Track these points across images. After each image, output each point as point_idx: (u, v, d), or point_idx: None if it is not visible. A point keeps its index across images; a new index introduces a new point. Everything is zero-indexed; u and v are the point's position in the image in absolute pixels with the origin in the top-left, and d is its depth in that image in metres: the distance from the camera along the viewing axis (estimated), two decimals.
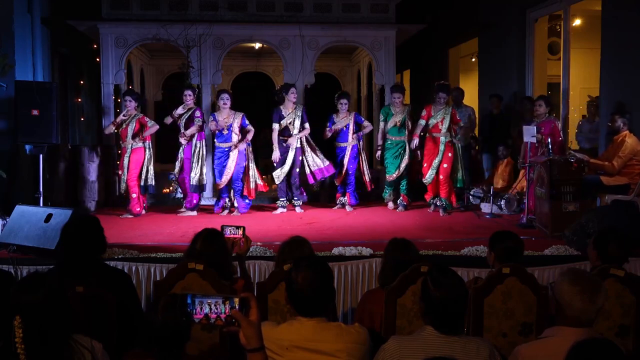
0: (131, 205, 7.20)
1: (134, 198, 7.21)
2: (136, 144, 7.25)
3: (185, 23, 8.57)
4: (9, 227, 4.99)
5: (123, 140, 7.32)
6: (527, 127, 6.52)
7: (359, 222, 6.79)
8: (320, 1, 9.07)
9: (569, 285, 2.38)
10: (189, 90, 7.49)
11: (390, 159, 7.56)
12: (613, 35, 7.05)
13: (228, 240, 3.58)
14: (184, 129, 7.33)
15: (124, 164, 7.23)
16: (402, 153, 7.51)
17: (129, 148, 7.23)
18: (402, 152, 7.52)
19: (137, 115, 7.34)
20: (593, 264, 3.52)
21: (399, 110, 7.54)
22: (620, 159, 6.20)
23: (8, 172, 7.01)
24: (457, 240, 5.51)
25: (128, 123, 7.25)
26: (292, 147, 7.39)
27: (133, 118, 7.29)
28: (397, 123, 7.49)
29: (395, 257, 3.30)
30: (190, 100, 7.41)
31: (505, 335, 3.16)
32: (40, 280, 2.13)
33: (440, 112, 7.29)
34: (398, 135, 7.52)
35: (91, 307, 2.76)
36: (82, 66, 10.36)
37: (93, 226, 3.20)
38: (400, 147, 7.52)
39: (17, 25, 7.86)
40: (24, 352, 1.98)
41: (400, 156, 7.52)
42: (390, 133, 7.57)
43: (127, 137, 7.24)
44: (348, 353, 2.27)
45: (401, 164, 7.50)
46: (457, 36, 11.22)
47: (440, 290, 2.36)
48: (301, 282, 2.29)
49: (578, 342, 1.87)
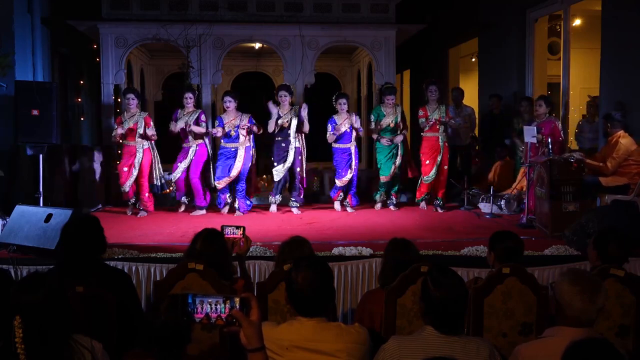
0: (148, 204, 7.23)
1: (147, 197, 7.23)
2: (146, 144, 7.18)
3: (185, 23, 8.57)
4: (9, 227, 4.99)
5: (130, 139, 7.15)
6: (528, 127, 6.53)
7: (359, 222, 6.78)
8: (320, 1, 9.07)
9: (569, 285, 2.38)
10: (189, 93, 7.40)
11: (383, 160, 7.56)
12: (613, 35, 7.05)
13: (228, 241, 3.58)
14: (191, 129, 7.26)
15: (134, 163, 7.08)
16: (395, 154, 7.52)
17: (140, 148, 7.13)
18: (394, 152, 7.52)
19: (142, 114, 7.24)
20: (593, 264, 3.52)
21: (390, 111, 7.54)
22: (614, 160, 6.20)
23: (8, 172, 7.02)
24: (457, 240, 5.51)
25: (136, 122, 7.11)
26: (291, 146, 7.34)
27: (139, 116, 7.16)
28: (389, 124, 7.50)
29: (395, 257, 3.30)
30: (191, 103, 7.34)
31: (505, 335, 3.16)
32: (40, 280, 2.13)
33: (436, 111, 7.40)
34: (390, 136, 7.52)
35: (91, 307, 2.76)
36: (82, 66, 10.37)
37: (93, 226, 3.20)
38: (393, 148, 7.52)
39: (17, 25, 7.86)
40: (24, 352, 1.98)
41: (393, 157, 7.52)
42: (382, 134, 7.57)
43: (136, 136, 7.11)
44: (348, 353, 2.27)
45: (393, 165, 7.51)
46: (457, 36, 11.22)
47: (440, 290, 2.36)
48: (301, 282, 2.29)
49: (574, 341, 1.87)
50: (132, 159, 7.12)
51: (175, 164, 7.35)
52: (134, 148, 7.14)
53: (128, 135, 7.15)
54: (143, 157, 7.13)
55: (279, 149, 7.41)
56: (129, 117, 7.15)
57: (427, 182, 7.47)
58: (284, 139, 7.39)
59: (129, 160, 7.14)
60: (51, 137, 6.70)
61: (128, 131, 7.12)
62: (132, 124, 7.11)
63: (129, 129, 7.11)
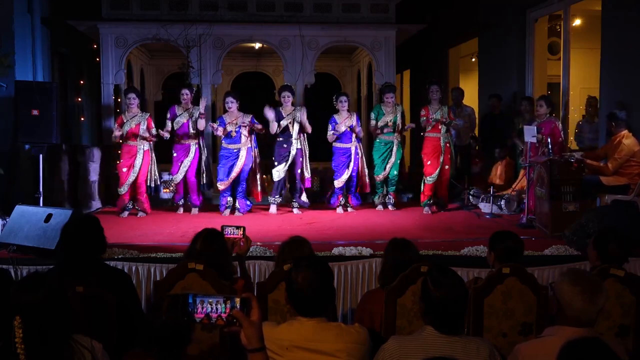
0: (145, 206, 7.22)
1: (145, 197, 7.22)
2: (146, 146, 7.14)
3: (185, 23, 8.57)
4: (9, 227, 4.99)
5: (132, 140, 7.09)
6: (528, 127, 6.52)
7: (359, 222, 6.78)
8: (320, 1, 9.08)
9: (569, 286, 2.38)
10: (186, 89, 7.36)
11: (378, 160, 7.56)
12: (613, 35, 7.05)
13: (228, 241, 3.58)
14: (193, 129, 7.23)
15: (134, 164, 7.05)
16: (390, 154, 7.52)
17: (141, 149, 7.09)
18: (389, 152, 7.52)
19: (144, 115, 7.20)
20: (593, 264, 3.51)
21: (390, 110, 7.53)
22: (616, 161, 6.19)
23: (8, 172, 7.02)
24: (457, 240, 5.50)
25: (138, 123, 7.07)
26: (293, 147, 7.31)
27: (141, 117, 7.13)
28: (388, 123, 7.49)
29: (395, 257, 3.30)
30: (188, 99, 7.27)
31: (505, 335, 3.16)
32: (40, 280, 2.13)
33: (438, 112, 7.34)
34: (388, 135, 7.51)
35: (91, 307, 2.76)
36: (82, 66, 10.36)
37: (93, 226, 3.20)
38: (389, 148, 7.52)
39: (17, 25, 7.86)
40: (24, 352, 1.98)
41: (387, 157, 7.53)
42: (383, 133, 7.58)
43: (137, 136, 7.06)
44: (348, 353, 2.27)
45: (387, 165, 7.51)
46: (457, 36, 11.22)
47: (440, 290, 2.36)
48: (301, 282, 2.29)
49: (569, 341, 1.88)
50: (132, 159, 7.07)
51: (175, 164, 7.31)
52: (134, 148, 7.09)
53: (129, 136, 7.10)
54: (143, 158, 7.10)
55: (281, 149, 7.38)
56: (131, 118, 7.12)
57: (429, 182, 7.39)
58: (286, 140, 7.36)
59: (129, 160, 7.09)
60: (51, 137, 6.71)
61: (129, 132, 7.07)
62: (134, 125, 7.07)
63: (131, 131, 7.07)
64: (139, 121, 7.10)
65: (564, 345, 1.87)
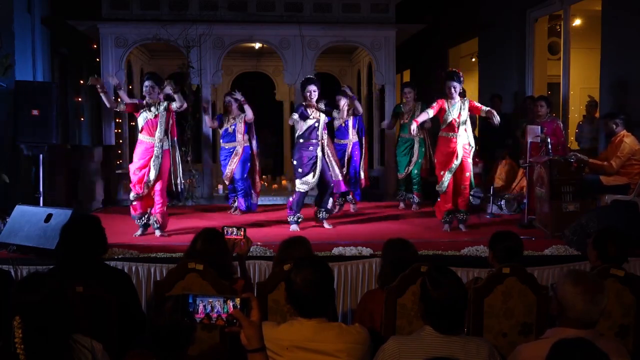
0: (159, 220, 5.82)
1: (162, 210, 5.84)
2: (166, 144, 5.77)
3: (185, 23, 8.57)
4: (9, 227, 4.99)
5: (149, 134, 5.71)
6: (532, 127, 6.51)
7: (359, 222, 6.78)
8: (320, 1, 9.08)
9: (571, 287, 2.37)
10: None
11: (400, 157, 7.58)
12: (613, 35, 7.05)
13: (229, 241, 3.59)
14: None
15: (150, 166, 5.66)
16: (411, 151, 7.50)
17: (160, 147, 5.69)
18: (410, 149, 7.50)
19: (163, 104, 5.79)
20: (593, 264, 3.51)
21: (408, 108, 7.54)
22: (619, 159, 6.20)
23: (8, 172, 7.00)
24: (457, 240, 5.50)
25: (158, 114, 5.73)
26: (318, 150, 6.13)
27: (164, 109, 5.76)
28: (406, 120, 7.49)
29: (393, 257, 3.30)
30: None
31: (505, 335, 3.16)
32: (40, 280, 2.13)
33: (456, 106, 5.95)
34: (407, 132, 7.43)
35: (91, 307, 2.76)
36: (82, 66, 10.37)
37: (93, 226, 3.20)
38: (409, 145, 7.51)
39: (17, 25, 7.86)
40: (23, 352, 1.98)
41: (408, 154, 7.51)
42: (401, 131, 7.60)
43: (156, 132, 5.70)
44: (348, 353, 2.27)
45: (410, 163, 7.50)
46: (457, 36, 11.22)
47: (438, 291, 2.36)
48: (301, 283, 2.29)
49: (557, 341, 1.89)
50: (148, 159, 5.69)
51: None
52: (151, 145, 5.72)
53: (145, 129, 5.76)
54: (162, 159, 5.71)
55: (306, 152, 6.10)
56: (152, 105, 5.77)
57: (441, 192, 6.07)
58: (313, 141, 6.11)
59: (144, 159, 5.71)
60: (51, 137, 6.70)
61: (146, 124, 5.73)
62: (152, 115, 5.74)
63: (150, 120, 5.73)
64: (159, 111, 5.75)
65: (553, 345, 1.88)
